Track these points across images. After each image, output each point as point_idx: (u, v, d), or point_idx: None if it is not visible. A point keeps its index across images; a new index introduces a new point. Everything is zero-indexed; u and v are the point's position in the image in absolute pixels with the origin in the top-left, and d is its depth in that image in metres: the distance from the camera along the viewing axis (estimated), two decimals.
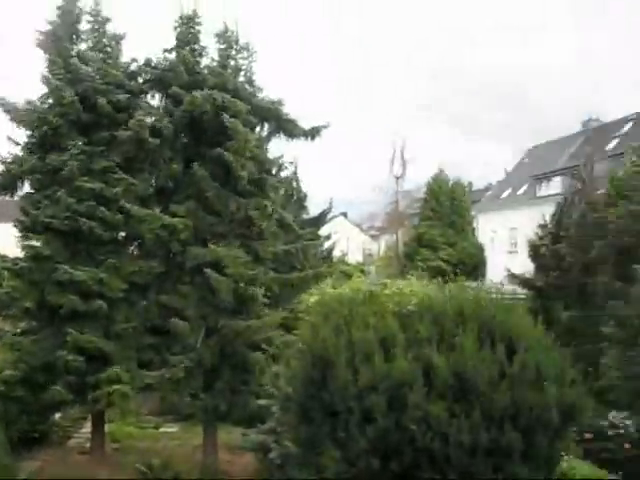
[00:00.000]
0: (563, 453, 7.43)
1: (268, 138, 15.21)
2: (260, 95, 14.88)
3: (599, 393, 15.16)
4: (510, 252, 45.54)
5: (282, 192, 21.22)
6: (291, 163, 18.97)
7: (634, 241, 15.43)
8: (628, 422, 14.21)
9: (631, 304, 14.95)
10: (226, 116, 13.30)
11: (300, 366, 7.46)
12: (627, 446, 14.00)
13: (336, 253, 32.08)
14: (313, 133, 14.92)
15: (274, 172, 16.33)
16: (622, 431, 14.05)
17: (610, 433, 14.04)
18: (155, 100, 15.25)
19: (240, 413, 14.33)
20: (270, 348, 13.59)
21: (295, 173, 27.21)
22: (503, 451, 6.44)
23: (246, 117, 13.95)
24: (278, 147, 15.49)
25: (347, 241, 60.72)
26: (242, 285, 13.55)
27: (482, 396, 6.55)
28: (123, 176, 14.09)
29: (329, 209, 27.93)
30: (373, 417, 6.50)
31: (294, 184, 27.31)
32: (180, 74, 14.18)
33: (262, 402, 13.19)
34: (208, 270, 13.14)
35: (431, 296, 7.86)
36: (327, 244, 28.58)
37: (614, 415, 14.41)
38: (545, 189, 48.52)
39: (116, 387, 13.14)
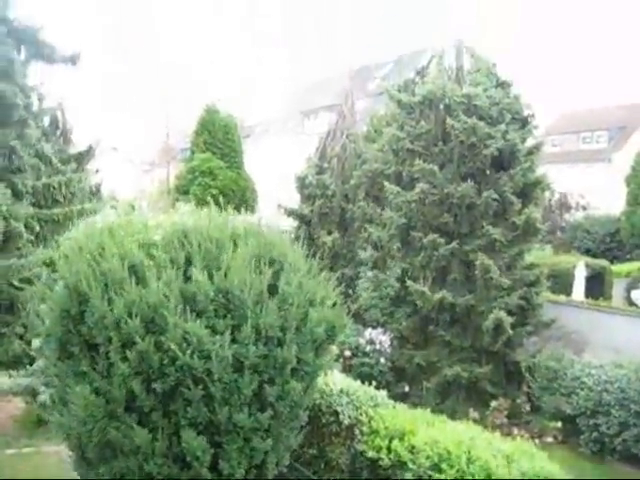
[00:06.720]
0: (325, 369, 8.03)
1: (27, 62, 14.08)
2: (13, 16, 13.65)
3: (356, 314, 16.55)
4: (279, 185, 47.36)
5: (46, 123, 19.85)
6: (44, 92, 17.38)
7: (384, 169, 16.92)
8: (383, 337, 15.72)
9: (382, 227, 16.59)
10: None
11: (57, 300, 7.21)
12: (382, 360, 15.37)
13: (106, 188, 30.80)
14: (74, 59, 14.15)
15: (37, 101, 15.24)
16: (378, 346, 15.57)
17: (368, 349, 15.54)
18: None
19: (2, 356, 13.53)
20: (36, 287, 12.93)
21: (61, 104, 25.26)
22: (274, 366, 6.88)
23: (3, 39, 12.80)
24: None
25: (118, 176, 58.46)
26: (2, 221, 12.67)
27: (251, 312, 6.84)
28: None
29: (97, 143, 26.60)
30: (132, 342, 6.59)
31: (59, 115, 25.42)
32: None
33: (36, 343, 12.62)
34: None
35: (183, 224, 7.65)
36: (95, 179, 27.35)
37: (370, 332, 15.75)
38: (313, 124, 51.06)
39: None
